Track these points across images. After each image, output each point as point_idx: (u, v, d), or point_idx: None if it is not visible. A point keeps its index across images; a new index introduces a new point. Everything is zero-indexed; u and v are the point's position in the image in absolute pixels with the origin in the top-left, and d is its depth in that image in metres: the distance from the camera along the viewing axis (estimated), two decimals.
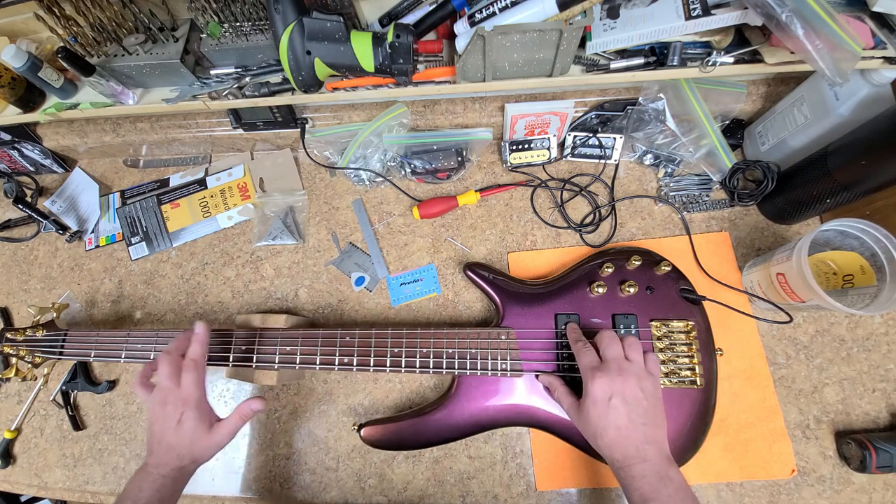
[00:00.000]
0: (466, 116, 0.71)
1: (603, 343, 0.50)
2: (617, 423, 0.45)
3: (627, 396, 0.46)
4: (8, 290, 0.79)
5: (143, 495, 0.47)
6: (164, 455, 0.49)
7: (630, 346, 0.50)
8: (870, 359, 0.59)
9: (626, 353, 0.49)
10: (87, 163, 0.86)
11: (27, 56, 0.61)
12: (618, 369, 0.47)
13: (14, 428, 0.71)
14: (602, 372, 0.47)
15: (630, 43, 0.55)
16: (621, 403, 0.46)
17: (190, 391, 0.49)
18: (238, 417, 0.52)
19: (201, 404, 0.50)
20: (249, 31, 0.60)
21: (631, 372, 0.47)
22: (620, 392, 0.46)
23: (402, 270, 0.70)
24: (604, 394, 0.46)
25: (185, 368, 0.50)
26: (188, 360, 0.51)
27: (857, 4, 0.51)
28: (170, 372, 0.50)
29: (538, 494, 0.59)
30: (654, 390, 0.48)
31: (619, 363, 0.48)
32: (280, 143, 0.78)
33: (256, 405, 0.53)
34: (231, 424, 0.52)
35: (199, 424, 0.49)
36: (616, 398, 0.46)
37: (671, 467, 0.44)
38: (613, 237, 0.68)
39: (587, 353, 0.50)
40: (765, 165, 0.63)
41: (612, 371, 0.47)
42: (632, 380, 0.47)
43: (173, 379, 0.49)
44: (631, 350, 0.50)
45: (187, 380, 0.50)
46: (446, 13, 0.56)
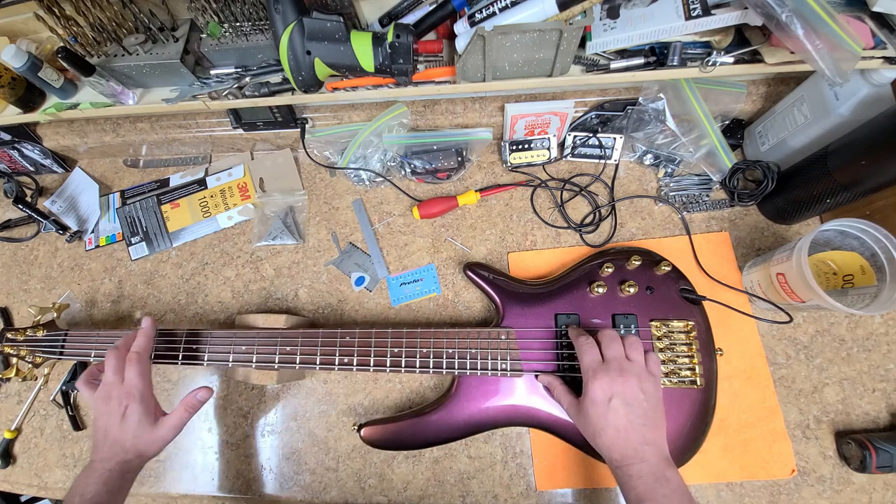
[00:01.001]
0: (466, 116, 0.71)
1: (604, 342, 0.50)
2: (616, 424, 0.45)
3: (628, 397, 0.46)
4: (8, 290, 0.79)
5: (91, 489, 0.47)
6: (109, 450, 0.49)
7: (631, 345, 0.50)
8: (870, 359, 0.59)
9: (627, 352, 0.49)
10: (87, 163, 0.86)
11: (27, 56, 0.61)
12: (618, 369, 0.47)
13: (14, 428, 0.71)
14: (602, 372, 0.47)
15: (630, 43, 0.55)
16: (621, 404, 0.45)
17: (134, 384, 0.49)
18: (184, 410, 0.52)
19: (145, 398, 0.50)
20: (249, 31, 0.60)
21: (632, 372, 0.47)
22: (620, 393, 0.46)
23: (402, 270, 0.70)
24: (604, 394, 0.46)
25: (129, 362, 0.51)
26: (131, 354, 0.51)
27: (857, 4, 0.51)
28: (115, 366, 0.50)
29: (538, 494, 0.59)
30: (654, 391, 0.48)
31: (620, 363, 0.48)
32: (280, 143, 0.78)
33: (202, 394, 0.53)
34: (176, 418, 0.51)
35: (143, 418, 0.49)
36: (616, 399, 0.46)
37: (669, 468, 0.44)
38: (613, 237, 0.68)
39: (589, 351, 0.50)
40: (765, 165, 0.63)
41: (612, 371, 0.47)
42: (632, 380, 0.46)
43: (118, 374, 0.50)
44: (632, 350, 0.49)
45: (130, 373, 0.50)
46: (446, 13, 0.56)
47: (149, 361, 0.52)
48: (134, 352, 0.52)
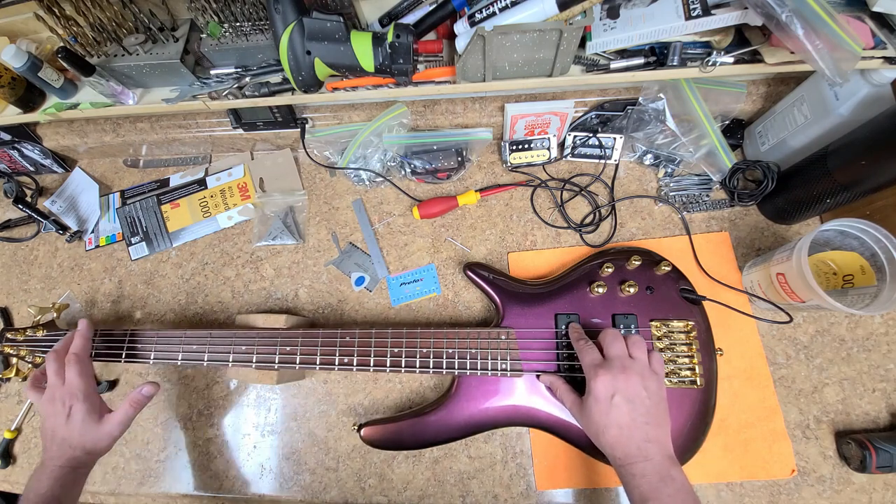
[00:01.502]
0: (466, 116, 0.71)
1: (606, 341, 0.50)
2: (619, 422, 0.45)
3: (630, 395, 0.46)
4: (8, 290, 0.79)
5: (44, 486, 0.48)
6: (58, 449, 0.50)
7: (634, 343, 0.50)
8: (870, 359, 0.59)
9: (629, 350, 0.49)
10: (87, 163, 0.86)
11: (27, 56, 0.61)
12: (621, 367, 0.47)
13: (14, 428, 0.70)
14: (605, 370, 0.47)
15: (630, 43, 0.55)
16: (624, 402, 0.45)
17: (75, 384, 0.51)
18: (129, 406, 0.53)
19: (89, 396, 0.51)
20: (249, 31, 0.60)
21: (634, 370, 0.47)
22: (623, 390, 0.46)
23: (402, 270, 0.70)
24: (606, 392, 0.46)
25: (68, 363, 0.53)
26: (70, 355, 0.53)
27: (857, 4, 0.51)
28: (56, 369, 0.52)
29: (538, 494, 0.59)
30: (657, 389, 0.47)
31: (622, 361, 0.48)
32: (280, 143, 0.78)
33: (148, 390, 0.54)
34: (122, 414, 0.52)
35: (87, 417, 0.50)
36: (619, 396, 0.45)
37: (673, 467, 0.44)
38: (613, 237, 0.68)
39: (590, 351, 0.50)
40: (765, 165, 0.63)
41: (615, 369, 0.47)
42: (635, 378, 0.46)
43: (59, 376, 0.52)
44: (635, 348, 0.49)
45: (71, 373, 0.52)
46: (446, 13, 0.56)
47: (88, 361, 0.54)
48: (72, 353, 0.54)
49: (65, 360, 0.53)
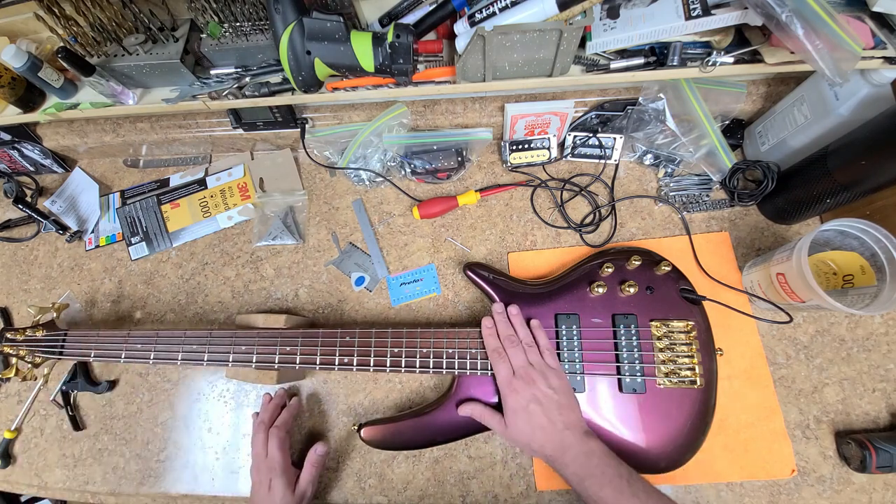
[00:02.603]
0: (466, 116, 0.71)
1: (509, 353, 0.54)
2: (539, 424, 0.50)
3: (539, 398, 0.51)
4: (8, 290, 0.79)
5: None
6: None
7: (529, 347, 0.54)
8: (870, 359, 0.59)
9: (527, 356, 0.54)
10: (87, 163, 0.86)
11: (27, 56, 0.61)
12: (524, 377, 0.52)
13: (14, 428, 0.70)
14: (511, 388, 0.52)
15: (630, 43, 0.55)
16: (536, 407, 0.50)
17: (276, 458, 0.57)
18: (312, 467, 0.59)
19: (286, 470, 0.57)
20: (249, 31, 0.60)
21: (535, 375, 0.52)
22: (532, 397, 0.51)
23: (402, 270, 0.70)
24: (519, 405, 0.51)
25: (271, 436, 0.59)
26: (274, 428, 0.60)
27: (857, 4, 0.51)
28: (262, 440, 0.59)
29: (538, 494, 0.59)
30: (559, 381, 0.52)
31: (524, 370, 0.53)
32: (280, 143, 0.78)
33: (321, 449, 0.60)
34: (308, 475, 0.58)
35: (286, 490, 0.56)
36: (532, 404, 0.51)
37: (590, 440, 0.49)
38: (613, 237, 0.68)
39: (502, 367, 0.53)
40: (765, 165, 0.63)
41: (520, 381, 0.52)
42: (539, 381, 0.52)
43: (265, 447, 0.58)
44: (530, 353, 0.54)
45: (273, 447, 0.58)
46: (446, 13, 0.56)
47: (288, 435, 0.61)
48: (276, 427, 0.60)
49: (269, 432, 0.59)
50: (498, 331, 0.56)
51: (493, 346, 0.55)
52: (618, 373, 0.55)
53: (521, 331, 0.56)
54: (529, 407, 0.50)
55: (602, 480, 0.46)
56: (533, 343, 0.55)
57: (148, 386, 0.70)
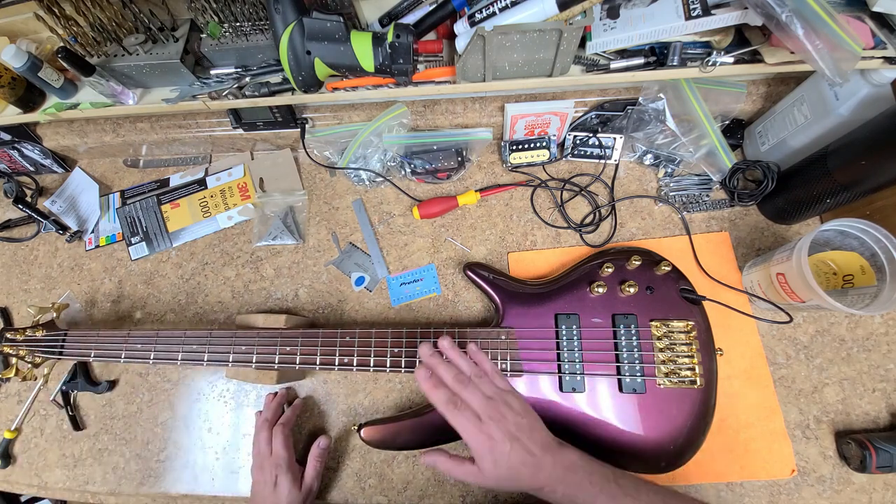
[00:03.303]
0: (466, 116, 0.71)
1: (465, 397, 0.47)
2: (522, 461, 0.44)
3: (515, 432, 0.45)
4: (8, 290, 0.79)
5: None
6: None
7: (480, 380, 0.48)
8: (870, 359, 0.59)
9: (480, 388, 0.47)
10: (87, 163, 0.86)
11: (27, 56, 0.61)
12: (493, 416, 0.45)
13: (14, 428, 0.70)
14: (487, 434, 0.44)
15: (630, 43, 0.55)
16: (514, 443, 0.44)
17: (281, 455, 0.57)
18: (316, 461, 0.59)
19: (291, 466, 0.57)
20: (249, 31, 0.60)
21: (501, 408, 0.46)
22: (509, 435, 0.44)
23: (402, 270, 0.70)
24: (499, 450, 0.44)
25: (275, 434, 0.59)
26: (278, 426, 0.60)
27: (857, 4, 0.51)
28: (266, 437, 0.59)
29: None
30: (520, 402, 0.47)
31: (488, 410, 0.46)
32: (280, 143, 0.78)
33: (324, 442, 0.61)
34: (312, 470, 0.58)
35: (291, 486, 0.56)
36: (509, 443, 0.44)
37: (566, 451, 0.46)
38: (613, 237, 0.68)
39: (464, 417, 0.45)
40: (765, 165, 0.63)
41: (491, 422, 0.45)
42: (507, 413, 0.46)
43: (269, 444, 0.59)
44: (484, 385, 0.48)
45: (277, 444, 0.58)
46: (446, 13, 0.56)
47: (291, 432, 0.61)
48: (280, 424, 0.60)
49: (272, 430, 0.59)
50: (441, 376, 0.48)
51: (445, 399, 0.46)
52: (618, 373, 0.55)
53: (463, 363, 0.49)
54: (504, 448, 0.44)
55: (592, 490, 0.44)
56: (479, 371, 0.49)
57: (148, 386, 0.70)
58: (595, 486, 0.44)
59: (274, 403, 0.63)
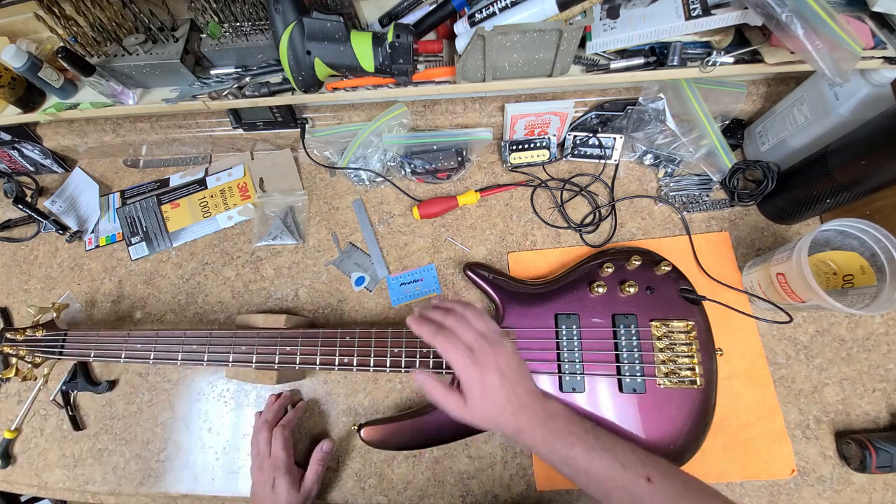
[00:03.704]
0: (466, 116, 0.71)
1: (458, 331, 0.48)
2: (507, 397, 0.46)
3: (503, 367, 0.47)
4: (8, 290, 0.79)
5: None
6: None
7: (474, 318, 0.49)
8: (870, 359, 0.59)
9: (476, 327, 0.49)
10: (87, 163, 0.86)
11: (27, 56, 0.61)
12: (485, 347, 0.47)
13: (14, 428, 0.71)
14: (476, 363, 0.46)
15: (630, 43, 0.55)
16: (500, 378, 0.46)
17: (280, 457, 0.57)
18: (317, 464, 0.59)
19: (290, 469, 0.57)
20: (249, 31, 0.60)
21: (493, 342, 0.48)
22: (497, 368, 0.46)
23: (402, 270, 0.70)
24: (487, 380, 0.46)
25: (275, 436, 0.59)
26: (278, 428, 0.60)
27: (857, 4, 0.51)
28: (266, 438, 0.59)
29: (538, 494, 0.59)
30: (512, 346, 0.49)
31: (480, 342, 0.47)
32: (280, 143, 0.78)
33: (327, 446, 0.60)
34: (313, 474, 0.58)
35: (290, 488, 0.56)
36: (495, 376, 0.46)
37: (550, 401, 0.47)
38: (613, 237, 0.68)
39: (454, 345, 0.47)
40: (765, 165, 0.63)
41: (482, 352, 0.47)
42: (500, 350, 0.47)
43: (268, 445, 0.59)
44: (478, 321, 0.49)
45: (276, 446, 0.58)
46: (446, 13, 0.56)
47: (291, 434, 0.61)
48: (281, 426, 0.60)
49: (272, 431, 0.59)
50: (431, 316, 0.50)
51: (434, 329, 0.48)
52: (618, 373, 0.55)
53: (457, 306, 0.51)
54: (493, 380, 0.46)
55: (570, 440, 0.45)
56: (475, 312, 0.50)
57: (148, 386, 0.70)
58: (573, 436, 0.45)
59: (276, 405, 0.63)
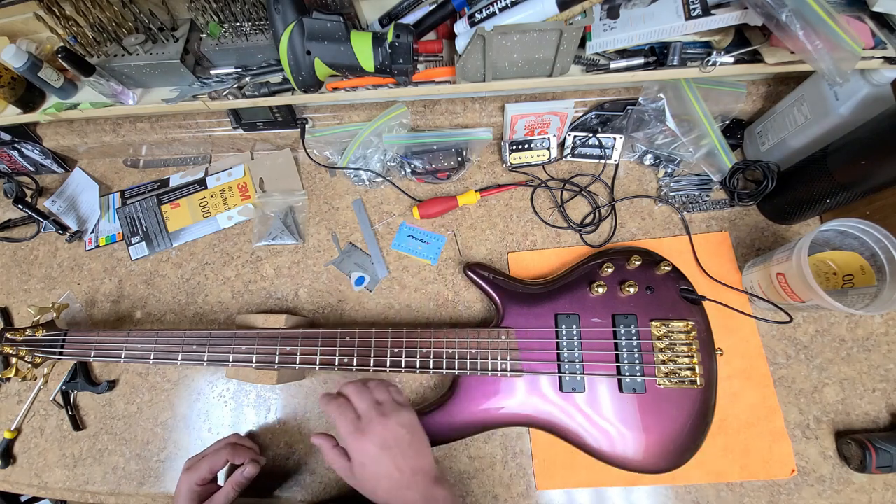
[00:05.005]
0: (466, 116, 0.71)
1: (353, 399, 0.49)
2: (388, 473, 0.45)
3: (389, 440, 0.46)
4: (8, 290, 0.79)
5: None
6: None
7: (376, 387, 0.51)
8: (870, 359, 0.59)
9: (374, 395, 0.49)
10: (87, 163, 0.86)
11: (27, 56, 0.61)
12: (373, 418, 0.47)
13: (14, 428, 0.71)
14: (359, 432, 0.46)
15: (630, 43, 0.55)
16: (385, 452, 0.45)
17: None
18: (230, 488, 0.56)
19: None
20: (249, 31, 0.60)
21: (385, 413, 0.48)
22: (383, 441, 0.46)
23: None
24: (367, 451, 0.46)
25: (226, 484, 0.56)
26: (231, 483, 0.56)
27: (857, 4, 0.51)
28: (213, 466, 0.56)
29: (538, 494, 0.59)
30: (410, 418, 0.49)
31: (372, 411, 0.48)
32: (280, 143, 0.78)
33: (249, 472, 0.57)
34: (223, 497, 0.55)
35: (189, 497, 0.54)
36: (380, 449, 0.45)
37: (437, 486, 0.46)
38: (613, 237, 0.68)
39: (343, 415, 0.48)
40: (765, 165, 0.63)
41: (369, 423, 0.47)
42: (389, 421, 0.47)
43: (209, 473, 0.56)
44: (378, 391, 0.50)
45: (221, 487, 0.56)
46: (446, 13, 0.56)
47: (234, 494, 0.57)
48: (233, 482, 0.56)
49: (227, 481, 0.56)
50: (340, 390, 0.51)
51: (327, 401, 0.49)
52: (618, 373, 0.55)
53: (370, 383, 0.52)
54: (376, 453, 0.45)
55: None
56: (382, 385, 0.51)
57: (148, 386, 0.70)
58: None
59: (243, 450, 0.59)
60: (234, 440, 0.60)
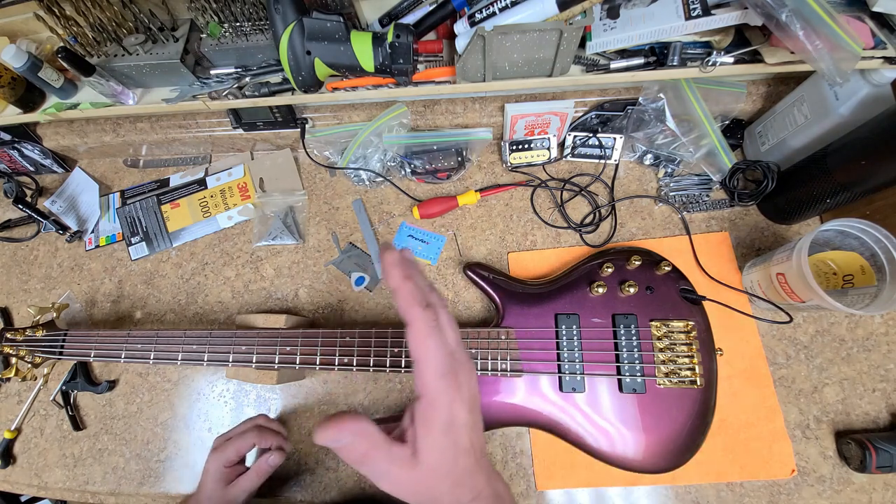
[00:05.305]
0: (466, 116, 0.71)
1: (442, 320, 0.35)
2: (464, 449, 0.32)
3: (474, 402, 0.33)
4: (8, 290, 0.79)
5: None
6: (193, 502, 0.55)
7: (450, 321, 0.36)
8: (870, 359, 0.59)
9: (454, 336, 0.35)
10: (87, 163, 0.86)
11: (27, 56, 0.61)
12: (456, 370, 0.33)
13: (14, 428, 0.71)
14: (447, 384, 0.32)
15: (630, 43, 0.55)
16: (472, 416, 0.33)
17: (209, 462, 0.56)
18: (255, 474, 0.56)
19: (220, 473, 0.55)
20: (249, 31, 0.60)
21: (466, 363, 0.34)
22: (472, 398, 0.33)
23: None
24: (459, 415, 0.31)
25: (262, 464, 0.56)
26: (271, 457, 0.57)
27: (857, 4, 0.51)
28: (244, 445, 0.56)
29: (538, 494, 0.59)
30: (475, 375, 0.35)
31: (455, 357, 0.34)
32: (280, 143, 0.78)
33: (274, 460, 0.57)
34: (247, 481, 0.55)
35: (217, 483, 0.54)
36: (468, 413, 0.32)
37: (496, 473, 0.36)
38: (613, 237, 0.68)
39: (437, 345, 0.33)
40: (765, 165, 0.63)
41: (453, 376, 0.32)
42: (466, 377, 0.33)
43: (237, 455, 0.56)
44: (452, 327, 0.36)
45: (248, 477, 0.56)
46: (446, 13, 0.56)
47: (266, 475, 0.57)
48: (223, 439, 0.57)
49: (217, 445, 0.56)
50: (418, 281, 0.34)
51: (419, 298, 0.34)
52: (618, 373, 0.55)
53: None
54: (462, 416, 0.31)
55: None
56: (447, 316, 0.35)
57: (148, 386, 0.70)
58: None
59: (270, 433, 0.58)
60: (261, 422, 0.59)
